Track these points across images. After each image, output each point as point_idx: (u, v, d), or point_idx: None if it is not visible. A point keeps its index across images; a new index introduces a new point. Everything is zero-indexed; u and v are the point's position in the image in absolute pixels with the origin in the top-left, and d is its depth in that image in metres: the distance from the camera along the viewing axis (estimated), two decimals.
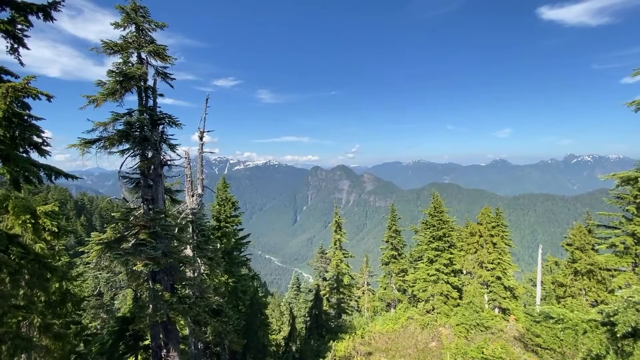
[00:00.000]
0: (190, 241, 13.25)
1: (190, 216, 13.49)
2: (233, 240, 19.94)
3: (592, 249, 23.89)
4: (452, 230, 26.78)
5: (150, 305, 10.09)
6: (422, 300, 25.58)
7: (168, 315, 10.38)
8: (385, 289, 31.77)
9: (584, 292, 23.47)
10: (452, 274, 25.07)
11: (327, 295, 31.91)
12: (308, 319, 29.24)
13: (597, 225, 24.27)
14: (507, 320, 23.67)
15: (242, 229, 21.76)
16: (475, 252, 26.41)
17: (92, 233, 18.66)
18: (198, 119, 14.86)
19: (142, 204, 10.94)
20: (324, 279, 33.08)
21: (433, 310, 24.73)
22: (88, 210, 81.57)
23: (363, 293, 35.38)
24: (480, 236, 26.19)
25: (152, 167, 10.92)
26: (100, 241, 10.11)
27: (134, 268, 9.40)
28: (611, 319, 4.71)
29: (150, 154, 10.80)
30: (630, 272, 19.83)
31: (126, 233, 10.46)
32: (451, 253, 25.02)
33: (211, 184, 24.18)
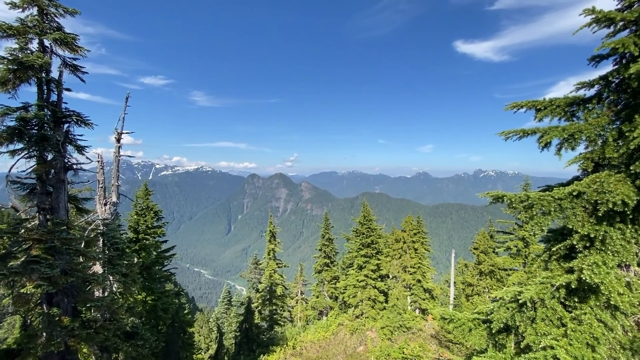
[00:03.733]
0: (100, 256, 11.69)
1: (101, 227, 11.95)
2: (154, 253, 18.19)
3: (493, 252, 27.69)
4: (379, 238, 28.47)
5: (44, 333, 8.57)
6: (352, 306, 26.50)
7: (67, 343, 8.93)
8: (317, 297, 32.14)
9: (487, 290, 26.99)
10: (379, 279, 26.55)
11: (260, 308, 31.01)
12: (238, 333, 27.96)
13: (497, 231, 28.36)
14: (426, 320, 25.87)
15: (165, 241, 20.04)
16: (400, 258, 28.50)
17: None
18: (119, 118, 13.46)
19: (37, 214, 9.33)
20: (257, 291, 32.14)
21: (362, 315, 25.78)
22: None
23: (297, 302, 35.25)
24: (404, 242, 28.37)
25: (53, 171, 9.44)
26: None
27: (22, 290, 7.92)
28: (489, 317, 5.54)
29: (50, 156, 9.33)
30: (521, 271, 23.51)
31: (14, 249, 8.79)
32: (378, 259, 26.53)
33: (133, 191, 21.85)
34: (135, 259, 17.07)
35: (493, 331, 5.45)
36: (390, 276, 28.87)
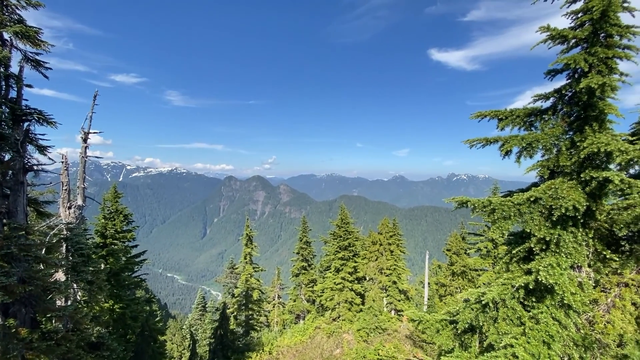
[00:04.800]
0: (63, 263, 11.07)
1: (65, 232, 11.33)
2: (123, 259, 17.44)
3: (465, 253, 28.72)
4: (356, 240, 28.78)
5: None
6: (329, 309, 26.58)
7: (24, 356, 8.37)
8: (295, 300, 31.96)
9: (459, 290, 27.91)
10: (356, 281, 26.81)
11: (235, 313, 30.42)
12: (213, 340, 27.27)
13: (468, 233, 29.48)
14: (401, 321, 26.37)
15: (136, 246, 19.26)
16: (377, 260, 28.92)
17: None
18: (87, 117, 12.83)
19: None
20: (233, 296, 31.54)
21: (339, 317, 25.90)
22: None
23: (274, 307, 34.88)
24: (380, 245, 28.83)
25: (11, 172, 8.88)
26: None
27: None
28: (455, 318, 5.80)
29: (8, 157, 8.78)
30: (491, 272, 24.54)
31: None
32: (355, 261, 26.80)
33: (102, 193, 20.87)
34: (102, 265, 16.31)
35: (459, 331, 5.69)
36: (367, 278, 29.21)
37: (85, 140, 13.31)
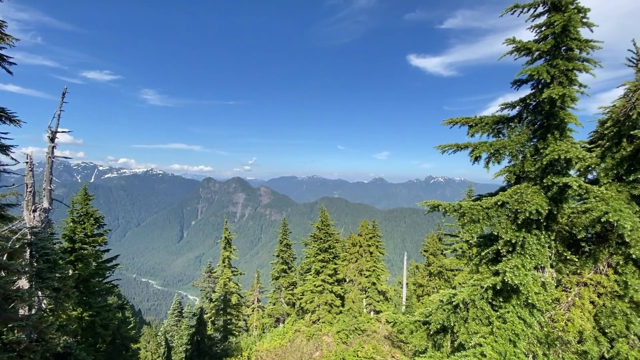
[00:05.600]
0: (27, 269, 10.47)
1: (29, 237, 10.72)
2: (93, 264, 16.70)
3: (442, 254, 29.50)
4: (337, 242, 28.91)
5: None
6: (309, 312, 26.53)
7: None
8: (274, 304, 31.67)
9: (436, 290, 28.61)
10: (337, 283, 26.92)
11: (213, 318, 29.76)
12: (189, 346, 26.54)
13: (444, 234, 30.33)
14: (380, 321, 26.71)
15: (108, 250, 18.50)
16: (356, 261, 29.16)
17: None
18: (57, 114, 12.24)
19: None
20: (210, 300, 30.85)
21: (319, 320, 25.90)
22: None
23: (253, 311, 34.39)
24: (360, 246, 29.12)
25: None
26: None
27: None
28: (428, 318, 5.99)
29: None
30: (465, 272, 25.33)
31: None
32: (336, 263, 26.91)
33: (71, 195, 19.91)
34: (70, 271, 15.52)
35: (431, 332, 5.86)
36: (347, 280, 29.40)
37: (52, 139, 12.70)
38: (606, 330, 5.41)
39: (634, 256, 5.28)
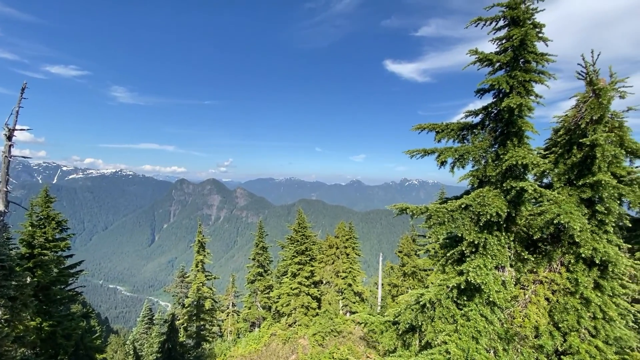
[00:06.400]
0: None
1: None
2: (55, 270, 15.74)
3: (415, 254, 30.25)
4: (313, 244, 28.95)
5: None
6: (285, 315, 26.35)
7: None
8: (250, 308, 31.19)
9: (410, 290, 29.31)
10: (313, 286, 26.92)
11: (186, 324, 28.89)
12: (160, 355, 25.56)
13: (418, 235, 31.16)
14: (355, 322, 26.99)
15: (71, 255, 17.51)
16: (333, 263, 29.32)
17: None
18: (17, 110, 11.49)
19: None
20: (183, 306, 29.93)
21: (295, 323, 25.78)
22: None
23: (227, 316, 33.68)
24: (337, 248, 29.32)
25: None
26: None
27: None
28: (397, 319, 6.18)
29: None
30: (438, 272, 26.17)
31: None
32: (312, 266, 26.92)
33: (30, 197, 18.72)
34: (29, 279, 14.55)
35: (400, 332, 6.03)
36: (324, 282, 29.48)
37: (9, 137, 11.93)
38: (560, 325, 5.80)
39: (583, 255, 5.71)
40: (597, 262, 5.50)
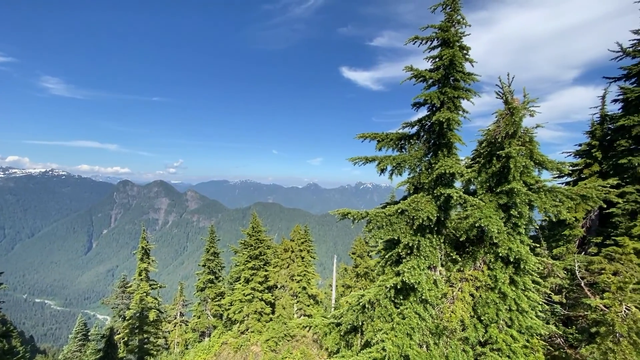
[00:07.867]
0: None
1: None
2: None
3: (368, 255, 31.28)
4: (268, 248, 28.57)
5: None
6: (238, 322, 25.62)
7: None
8: (199, 317, 29.78)
9: (363, 290, 30.23)
10: (267, 291, 26.54)
11: (126, 339, 26.71)
12: None
13: (370, 237, 32.27)
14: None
15: None
16: (288, 267, 29.18)
17: None
18: None
19: None
20: (124, 319, 27.66)
21: (247, 330, 25.17)
22: None
23: (175, 326, 31.79)
24: (292, 251, 29.25)
25: None
26: None
27: None
28: (339, 320, 6.44)
29: None
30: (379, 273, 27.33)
31: None
32: (266, 270, 26.55)
33: None
34: None
35: (343, 333, 6.26)
36: (278, 286, 29.19)
37: None
38: (482, 318, 6.47)
39: (501, 254, 6.43)
40: (512, 260, 6.23)
